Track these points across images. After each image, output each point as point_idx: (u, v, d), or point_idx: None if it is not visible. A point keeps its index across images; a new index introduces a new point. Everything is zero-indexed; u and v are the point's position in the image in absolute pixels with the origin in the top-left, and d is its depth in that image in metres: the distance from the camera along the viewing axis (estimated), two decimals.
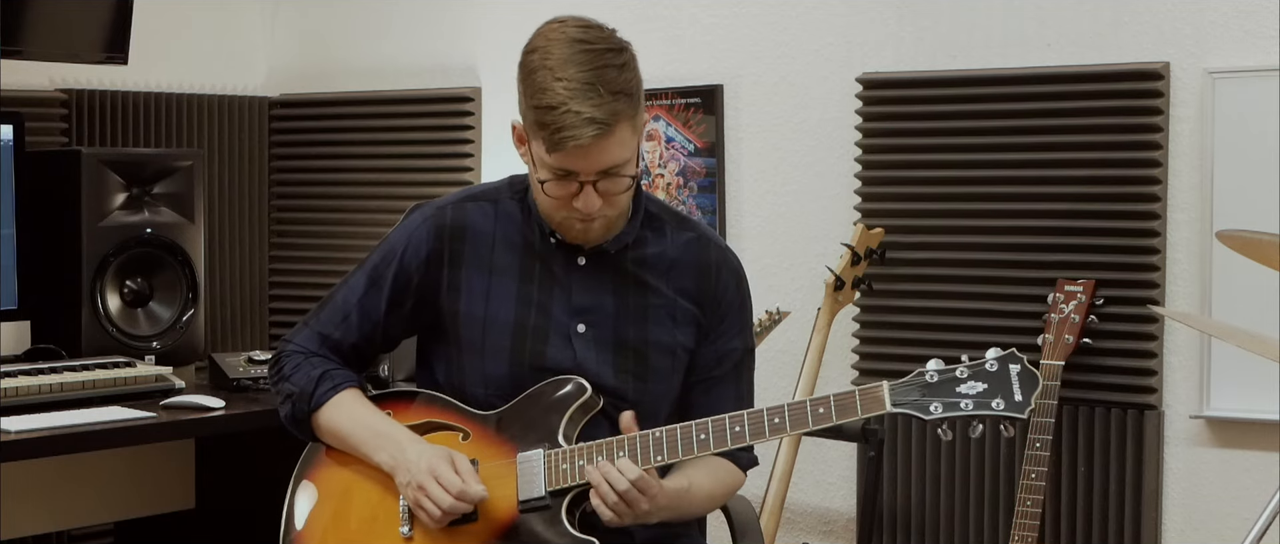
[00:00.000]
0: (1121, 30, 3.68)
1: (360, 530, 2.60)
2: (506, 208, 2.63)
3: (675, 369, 2.63)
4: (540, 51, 2.45)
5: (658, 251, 2.63)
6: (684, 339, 2.63)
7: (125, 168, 3.91)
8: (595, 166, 2.45)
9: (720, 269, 2.66)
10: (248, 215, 4.71)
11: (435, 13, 4.60)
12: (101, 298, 3.83)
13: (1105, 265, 3.67)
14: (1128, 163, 3.65)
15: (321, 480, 2.67)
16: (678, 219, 2.69)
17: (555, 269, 2.60)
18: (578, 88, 2.39)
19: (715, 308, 2.65)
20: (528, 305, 2.60)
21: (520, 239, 2.62)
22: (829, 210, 4.05)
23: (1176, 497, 3.68)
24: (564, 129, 2.39)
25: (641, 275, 2.62)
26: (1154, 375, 3.65)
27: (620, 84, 2.42)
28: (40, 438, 3.19)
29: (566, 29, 2.46)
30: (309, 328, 2.71)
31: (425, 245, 2.63)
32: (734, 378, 2.67)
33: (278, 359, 2.72)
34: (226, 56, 4.72)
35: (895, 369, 3.88)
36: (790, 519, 4.12)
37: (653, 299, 2.62)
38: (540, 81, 2.42)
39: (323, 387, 2.64)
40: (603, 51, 2.44)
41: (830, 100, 4.04)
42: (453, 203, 2.67)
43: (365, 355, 2.73)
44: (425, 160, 4.57)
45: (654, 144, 4.25)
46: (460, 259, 2.62)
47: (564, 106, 2.39)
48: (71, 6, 4.02)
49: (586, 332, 2.59)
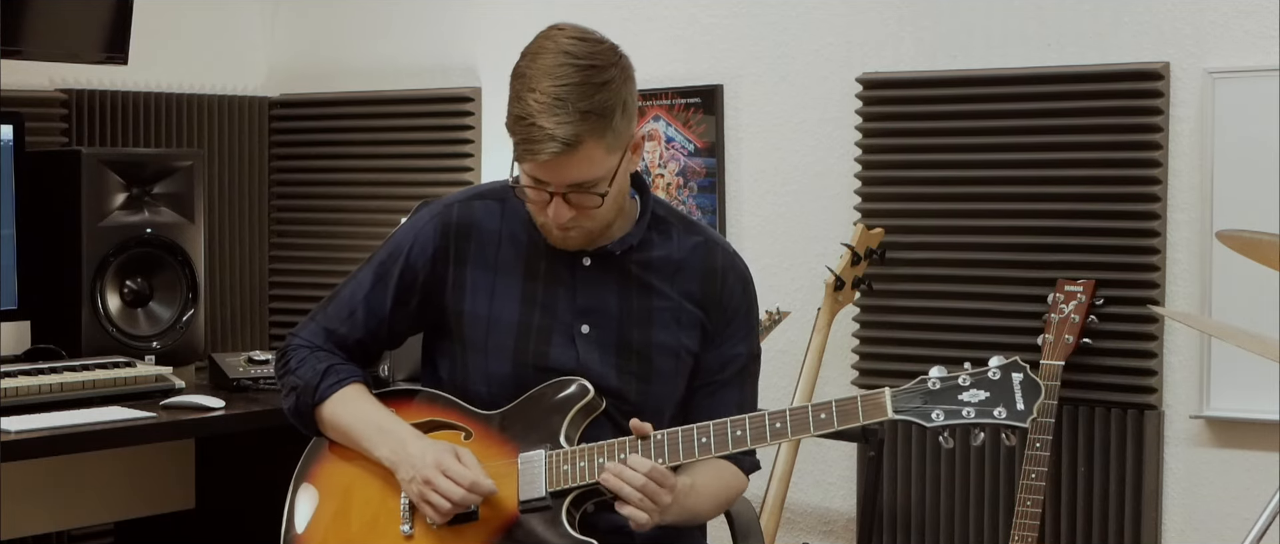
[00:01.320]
0: (1121, 30, 3.68)
1: (361, 530, 2.60)
2: (514, 206, 2.62)
3: (679, 372, 2.63)
4: (528, 58, 2.46)
5: (663, 255, 2.63)
6: (688, 342, 2.62)
7: (125, 168, 3.91)
8: (562, 180, 2.45)
9: (726, 274, 2.66)
10: (248, 215, 4.71)
11: (435, 13, 4.60)
12: (101, 298, 3.83)
13: (1105, 265, 3.67)
14: (1128, 163, 3.65)
15: (322, 479, 2.67)
16: (685, 223, 2.69)
17: (559, 269, 2.60)
18: (547, 104, 2.39)
19: (721, 312, 2.64)
20: (532, 305, 2.60)
21: (526, 238, 2.61)
22: (829, 210, 4.05)
23: (1176, 497, 3.68)
24: (527, 142, 2.41)
25: (646, 278, 2.62)
26: (1154, 375, 3.65)
27: (593, 104, 2.40)
28: (40, 438, 3.19)
29: (560, 39, 2.46)
30: (315, 322, 2.72)
31: (432, 243, 2.63)
32: (738, 382, 2.67)
33: (284, 353, 2.72)
34: (226, 56, 4.72)
35: (895, 369, 3.92)
36: (790, 519, 4.12)
37: (657, 302, 2.61)
38: (516, 90, 2.44)
39: (327, 380, 2.65)
40: (584, 68, 2.42)
41: (830, 100, 4.04)
42: (460, 200, 2.67)
43: (370, 351, 2.74)
44: (425, 160, 4.57)
45: (654, 144, 4.25)
46: (465, 257, 2.62)
47: (530, 119, 2.40)
48: (71, 6, 4.02)
49: (590, 332, 2.59)
